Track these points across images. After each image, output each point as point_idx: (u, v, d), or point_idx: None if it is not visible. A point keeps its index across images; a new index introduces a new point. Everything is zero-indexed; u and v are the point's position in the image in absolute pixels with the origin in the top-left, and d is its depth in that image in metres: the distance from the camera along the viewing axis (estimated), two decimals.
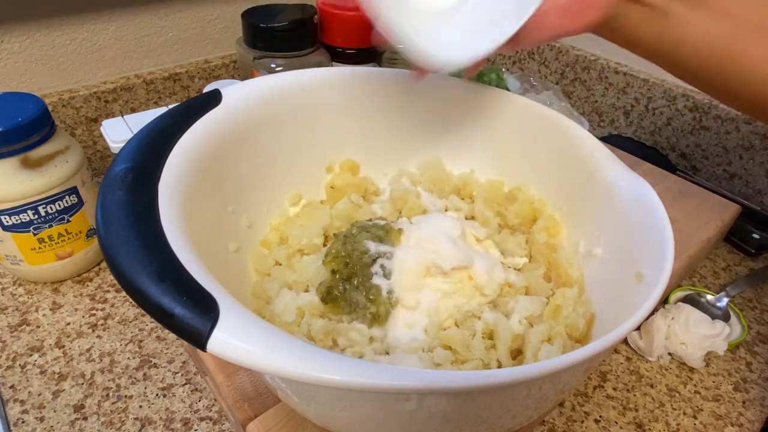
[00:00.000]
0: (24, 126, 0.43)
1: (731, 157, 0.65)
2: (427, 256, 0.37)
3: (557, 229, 0.43)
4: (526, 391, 0.25)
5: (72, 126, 0.63)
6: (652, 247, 0.31)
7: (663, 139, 0.71)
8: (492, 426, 0.29)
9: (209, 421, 0.40)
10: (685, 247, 0.51)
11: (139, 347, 0.45)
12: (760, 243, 0.58)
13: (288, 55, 0.58)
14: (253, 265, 0.41)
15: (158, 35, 0.66)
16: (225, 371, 0.37)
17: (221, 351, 0.22)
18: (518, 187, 0.46)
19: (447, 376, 0.22)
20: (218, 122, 0.37)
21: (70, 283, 0.51)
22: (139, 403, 0.41)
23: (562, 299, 0.36)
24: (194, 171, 0.33)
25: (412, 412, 0.25)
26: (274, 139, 0.43)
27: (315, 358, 0.21)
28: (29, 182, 0.44)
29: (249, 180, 0.41)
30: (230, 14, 0.70)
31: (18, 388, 0.42)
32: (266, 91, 0.41)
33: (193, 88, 0.70)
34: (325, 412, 0.30)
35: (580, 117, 0.56)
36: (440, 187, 0.48)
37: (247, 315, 0.23)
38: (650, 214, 0.33)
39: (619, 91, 0.74)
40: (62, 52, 0.61)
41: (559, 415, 0.41)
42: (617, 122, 0.76)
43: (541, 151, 0.44)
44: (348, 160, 0.48)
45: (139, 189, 0.29)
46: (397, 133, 0.48)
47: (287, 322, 0.36)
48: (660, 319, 0.46)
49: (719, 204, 0.57)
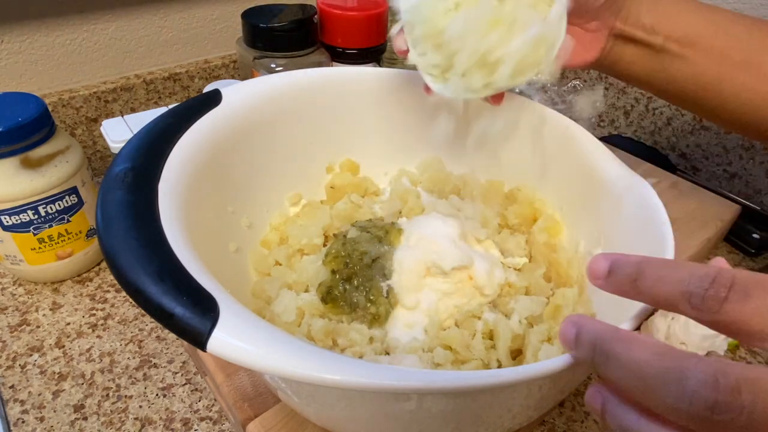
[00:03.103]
0: (24, 126, 0.43)
1: (731, 157, 0.65)
2: (427, 256, 0.37)
3: (557, 229, 0.43)
4: (526, 391, 0.25)
5: (72, 126, 0.63)
6: (652, 247, 0.31)
7: (663, 139, 0.71)
8: (492, 426, 0.29)
9: (209, 421, 0.40)
10: (685, 247, 0.51)
11: (139, 347, 0.45)
12: (760, 243, 0.58)
13: (288, 55, 0.58)
14: (253, 265, 0.41)
15: (158, 35, 0.66)
16: (225, 371, 0.38)
17: (221, 351, 0.22)
18: (518, 187, 0.46)
19: (447, 376, 0.22)
20: (218, 122, 0.37)
21: (70, 283, 0.51)
22: (139, 403, 0.41)
23: (562, 299, 0.36)
24: (194, 171, 0.33)
25: (412, 412, 0.25)
26: (274, 139, 0.43)
27: (315, 358, 0.21)
28: (29, 182, 0.44)
29: (249, 180, 0.41)
30: (230, 14, 0.70)
31: (18, 388, 0.42)
32: (266, 91, 0.41)
33: (193, 88, 0.70)
34: (325, 412, 0.30)
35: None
36: (440, 187, 0.48)
37: (247, 315, 0.23)
38: (650, 214, 0.33)
39: (619, 91, 0.74)
40: (62, 52, 0.61)
41: (559, 415, 0.41)
42: (617, 122, 0.76)
43: (542, 151, 0.44)
44: (348, 160, 0.48)
45: (139, 189, 0.29)
46: (397, 133, 0.48)
47: (287, 322, 0.36)
48: (660, 319, 0.46)
49: (719, 204, 0.57)
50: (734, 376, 0.16)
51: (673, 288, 0.19)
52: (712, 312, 0.18)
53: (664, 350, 0.18)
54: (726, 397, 0.15)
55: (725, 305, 0.18)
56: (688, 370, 0.16)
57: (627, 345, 0.18)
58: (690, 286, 0.18)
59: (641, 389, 0.18)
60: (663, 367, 0.17)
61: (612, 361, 0.19)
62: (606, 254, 0.22)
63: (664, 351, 0.18)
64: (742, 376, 0.16)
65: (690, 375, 0.16)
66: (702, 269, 0.19)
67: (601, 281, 0.22)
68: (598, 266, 0.22)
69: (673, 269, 0.19)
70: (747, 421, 0.15)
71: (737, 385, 0.15)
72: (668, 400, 0.17)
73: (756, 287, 0.17)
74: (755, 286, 0.17)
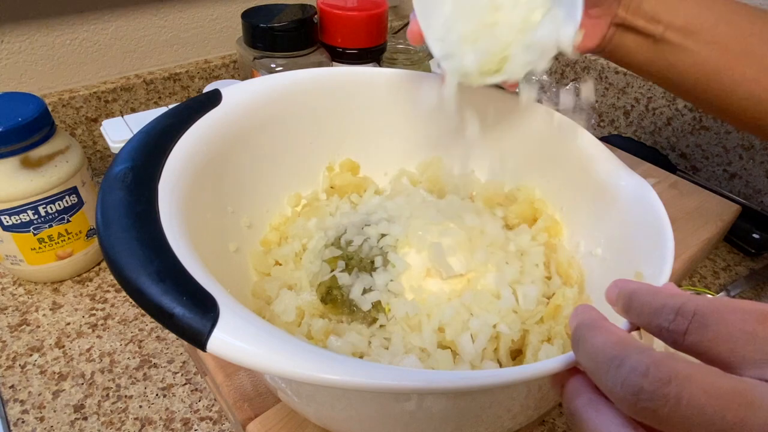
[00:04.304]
0: (24, 126, 0.43)
1: (731, 157, 0.65)
2: (427, 257, 0.37)
3: (557, 229, 0.43)
4: (526, 391, 0.25)
5: (72, 126, 0.63)
6: (652, 247, 0.31)
7: (663, 139, 0.71)
8: (492, 426, 0.29)
9: (209, 421, 0.40)
10: (685, 247, 0.51)
11: (139, 347, 0.45)
12: (760, 243, 0.58)
13: (288, 55, 0.58)
14: (253, 265, 0.41)
15: (158, 35, 0.66)
16: (225, 371, 0.38)
17: (221, 351, 0.22)
18: (518, 187, 0.46)
19: (447, 376, 0.22)
20: (218, 122, 0.37)
21: (70, 283, 0.51)
22: (139, 403, 0.41)
23: (562, 299, 0.36)
24: (194, 171, 0.33)
25: (412, 412, 0.25)
26: (274, 139, 0.43)
27: (315, 358, 0.21)
28: (29, 182, 0.44)
29: (249, 180, 0.41)
30: (230, 14, 0.70)
31: (18, 388, 0.42)
32: (266, 91, 0.41)
33: (193, 88, 0.70)
34: (325, 412, 0.30)
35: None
36: (440, 187, 0.48)
37: (247, 315, 0.23)
38: (650, 214, 0.33)
39: (619, 91, 0.74)
40: (62, 52, 0.61)
41: (559, 415, 0.41)
42: (617, 122, 0.76)
43: (542, 151, 0.44)
44: (348, 160, 0.48)
45: (139, 189, 0.29)
46: (397, 133, 0.48)
47: (287, 322, 0.36)
48: None
49: (719, 204, 0.57)
50: (667, 369, 0.16)
51: (651, 320, 0.20)
52: (677, 343, 0.19)
53: (621, 340, 0.19)
54: (652, 386, 0.16)
55: (687, 337, 0.18)
56: (628, 357, 0.17)
57: (594, 332, 0.20)
58: (660, 318, 0.19)
59: (591, 371, 0.19)
60: (611, 354, 0.18)
61: (580, 344, 0.20)
62: (618, 281, 0.23)
63: (621, 341, 0.19)
64: (675, 371, 0.16)
65: (627, 362, 0.17)
66: (672, 299, 0.19)
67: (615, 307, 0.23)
68: (610, 293, 0.23)
69: (652, 297, 0.20)
70: (669, 413, 0.16)
71: (667, 378, 0.16)
72: (608, 383, 0.18)
73: (712, 316, 0.18)
74: (712, 314, 0.18)
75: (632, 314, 0.21)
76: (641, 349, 0.18)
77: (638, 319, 0.21)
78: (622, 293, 0.22)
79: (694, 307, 0.19)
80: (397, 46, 0.74)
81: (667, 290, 0.21)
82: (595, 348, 0.19)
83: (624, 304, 0.22)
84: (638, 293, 0.21)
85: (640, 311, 0.21)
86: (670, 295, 0.20)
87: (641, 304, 0.21)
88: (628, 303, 0.22)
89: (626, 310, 0.22)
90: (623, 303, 0.22)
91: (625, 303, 0.22)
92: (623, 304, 0.22)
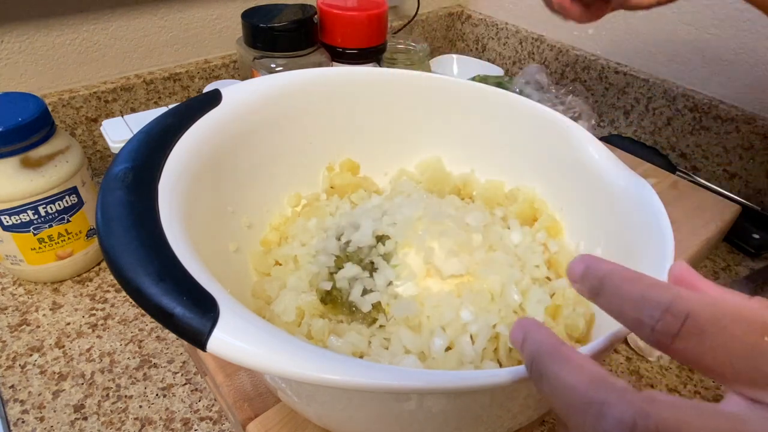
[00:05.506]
0: (24, 126, 0.43)
1: (731, 157, 0.65)
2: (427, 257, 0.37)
3: (557, 229, 0.43)
4: (526, 391, 0.25)
5: (72, 126, 0.63)
6: (652, 247, 0.31)
7: (663, 139, 0.71)
8: (492, 426, 0.29)
9: (209, 421, 0.40)
10: (685, 247, 0.51)
11: (139, 347, 0.45)
12: (760, 243, 0.58)
13: (288, 55, 0.58)
14: (253, 265, 0.41)
15: (158, 35, 0.66)
16: (225, 371, 0.38)
17: (221, 351, 0.22)
18: (518, 187, 0.46)
19: (447, 376, 0.21)
20: (218, 122, 0.37)
21: (70, 283, 0.51)
22: (139, 403, 0.41)
23: (562, 299, 0.36)
24: (194, 171, 0.33)
25: (412, 412, 0.25)
26: (274, 138, 0.43)
27: (315, 358, 0.21)
28: (29, 182, 0.44)
29: (249, 180, 0.41)
30: (230, 14, 0.70)
31: (18, 388, 0.42)
32: (266, 91, 0.41)
33: (193, 88, 0.70)
34: (325, 412, 0.30)
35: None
36: (440, 187, 0.48)
37: (247, 315, 0.23)
38: (650, 214, 0.33)
39: (619, 91, 0.74)
40: (62, 52, 0.61)
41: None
42: (617, 122, 0.76)
43: (541, 152, 0.44)
44: (348, 160, 0.48)
45: (139, 189, 0.29)
46: (397, 133, 0.48)
47: (287, 322, 0.36)
48: None
49: (719, 204, 0.57)
50: (654, 420, 0.15)
51: (626, 310, 0.18)
52: (662, 346, 0.17)
53: (595, 378, 0.16)
54: None
55: (676, 342, 0.16)
56: (609, 406, 0.15)
57: (561, 366, 0.18)
58: (641, 313, 0.17)
59: (564, 414, 0.17)
60: (587, 398, 0.16)
61: (544, 380, 0.18)
62: (585, 256, 0.20)
63: (594, 379, 0.16)
64: (663, 422, 0.15)
65: (608, 412, 0.15)
66: (657, 291, 0.17)
67: (576, 284, 0.21)
68: (573, 268, 0.20)
69: (630, 284, 0.18)
70: None
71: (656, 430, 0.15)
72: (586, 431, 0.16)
73: (711, 323, 0.16)
74: (710, 322, 0.16)
75: (602, 300, 0.19)
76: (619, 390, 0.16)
77: (609, 306, 0.19)
78: (590, 272, 0.19)
79: (687, 308, 0.16)
80: (397, 46, 0.74)
81: (647, 279, 0.18)
82: (566, 388, 0.17)
83: (592, 287, 0.19)
84: (612, 276, 0.19)
85: (612, 298, 0.18)
86: (651, 285, 0.18)
87: (615, 289, 0.18)
88: (597, 286, 0.19)
89: (594, 293, 0.19)
90: (591, 285, 0.19)
91: (593, 285, 0.19)
92: (591, 286, 0.19)
